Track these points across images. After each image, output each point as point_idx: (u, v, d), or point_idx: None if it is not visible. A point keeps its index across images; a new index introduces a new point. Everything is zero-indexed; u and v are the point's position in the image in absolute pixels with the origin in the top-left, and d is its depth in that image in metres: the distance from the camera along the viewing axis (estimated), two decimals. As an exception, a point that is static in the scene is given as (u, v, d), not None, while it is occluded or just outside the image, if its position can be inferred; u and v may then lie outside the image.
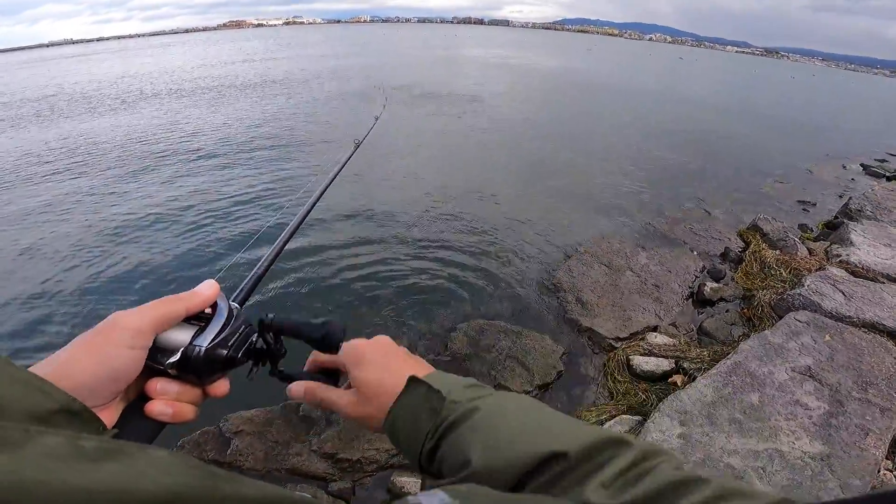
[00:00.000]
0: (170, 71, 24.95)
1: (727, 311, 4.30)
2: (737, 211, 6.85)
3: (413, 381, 0.56)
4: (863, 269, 4.39)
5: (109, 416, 0.47)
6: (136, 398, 0.50)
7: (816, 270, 4.34)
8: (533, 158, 9.26)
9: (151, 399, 0.49)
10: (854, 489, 1.84)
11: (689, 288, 4.70)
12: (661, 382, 3.16)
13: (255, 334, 0.57)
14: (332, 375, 0.64)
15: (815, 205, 7.42)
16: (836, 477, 1.91)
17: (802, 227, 6.36)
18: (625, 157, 9.61)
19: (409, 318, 4.04)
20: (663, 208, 6.81)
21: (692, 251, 5.46)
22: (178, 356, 0.49)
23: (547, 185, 7.61)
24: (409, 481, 2.56)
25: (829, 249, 4.95)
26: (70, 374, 0.43)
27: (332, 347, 0.60)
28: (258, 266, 0.71)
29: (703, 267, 5.12)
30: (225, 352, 0.51)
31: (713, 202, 7.20)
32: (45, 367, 0.43)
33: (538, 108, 15.09)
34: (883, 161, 10.86)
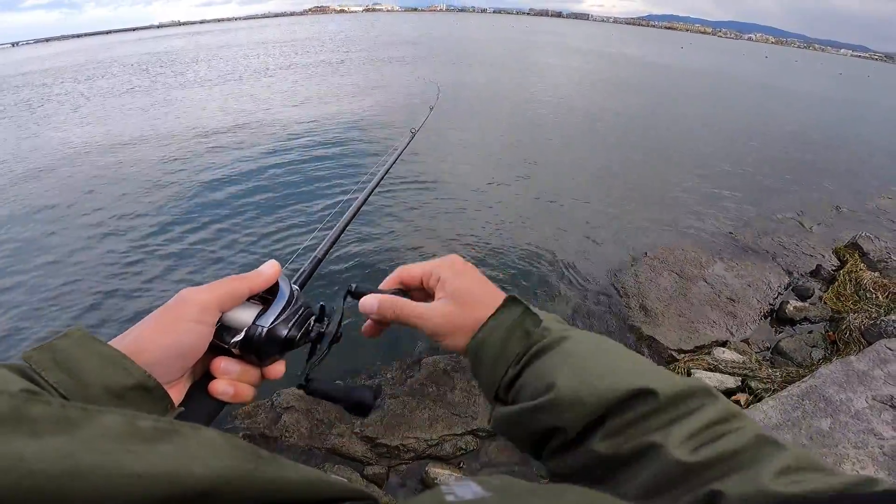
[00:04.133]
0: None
1: (810, 332, 3.98)
2: (836, 226, 6.25)
3: (513, 299, 0.54)
4: (981, 299, 3.87)
5: (177, 394, 0.48)
6: (202, 377, 0.52)
7: (922, 298, 3.90)
8: (612, 154, 8.97)
9: (215, 378, 0.51)
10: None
11: (770, 304, 4.39)
12: (722, 399, 3.01)
13: (314, 317, 0.57)
14: (405, 295, 0.60)
15: (932, 225, 6.58)
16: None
17: (911, 249, 5.67)
18: (716, 158, 9.08)
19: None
20: (751, 217, 6.36)
21: (778, 266, 5.06)
22: (241, 335, 0.50)
23: (625, 183, 7.36)
24: (442, 473, 2.61)
25: (940, 275, 4.41)
26: (144, 350, 0.44)
27: (366, 412, 0.59)
28: (318, 250, 0.72)
29: (789, 283, 4.75)
30: (285, 332, 0.52)
31: (810, 214, 6.59)
32: (120, 343, 0.44)
33: (620, 103, 14.52)
34: None
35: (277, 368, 0.55)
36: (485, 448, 2.84)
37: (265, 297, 0.55)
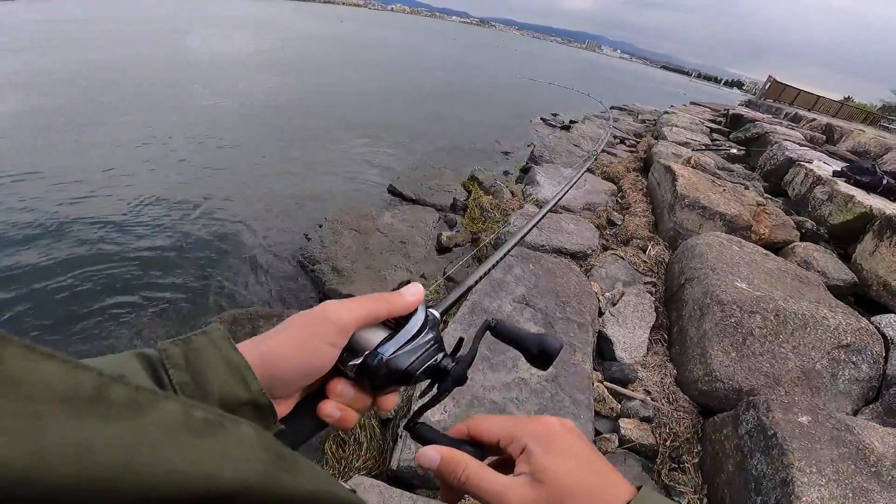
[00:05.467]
0: None
1: (463, 254, 4.96)
2: (459, 165, 7.84)
3: (649, 495, 0.43)
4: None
5: (285, 409, 0.46)
6: (314, 393, 0.49)
7: (518, 209, 5.36)
8: (266, 131, 8.69)
9: (326, 398, 0.48)
10: (581, 403, 2.39)
11: (431, 239, 5.23)
12: (419, 334, 3.47)
13: (442, 354, 0.52)
14: (479, 449, 0.49)
15: (511, 154, 9.08)
16: (566, 394, 2.43)
17: (507, 174, 7.72)
18: (360, 122, 9.86)
19: (147, 326, 3.39)
20: (399, 168, 7.31)
21: (429, 205, 6.05)
22: (359, 360, 0.47)
23: (283, 159, 7.28)
24: None
25: (524, 190, 6.16)
26: (274, 363, 0.43)
27: (546, 363, 0.55)
28: (471, 277, 0.67)
29: (439, 218, 5.75)
30: (405, 365, 0.48)
31: (441, 159, 8.07)
32: (253, 350, 0.43)
33: (269, 82, 14.03)
34: (555, 115, 13.93)
35: (390, 400, 0.52)
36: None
37: (397, 320, 0.51)
